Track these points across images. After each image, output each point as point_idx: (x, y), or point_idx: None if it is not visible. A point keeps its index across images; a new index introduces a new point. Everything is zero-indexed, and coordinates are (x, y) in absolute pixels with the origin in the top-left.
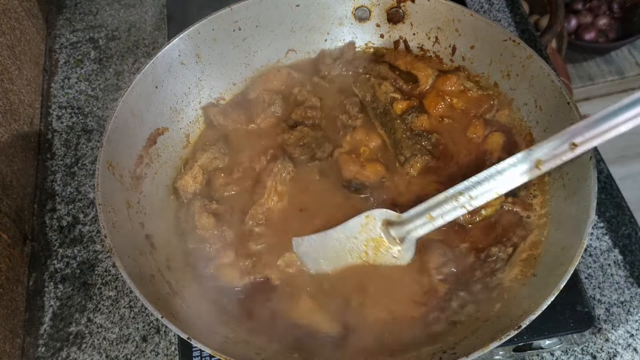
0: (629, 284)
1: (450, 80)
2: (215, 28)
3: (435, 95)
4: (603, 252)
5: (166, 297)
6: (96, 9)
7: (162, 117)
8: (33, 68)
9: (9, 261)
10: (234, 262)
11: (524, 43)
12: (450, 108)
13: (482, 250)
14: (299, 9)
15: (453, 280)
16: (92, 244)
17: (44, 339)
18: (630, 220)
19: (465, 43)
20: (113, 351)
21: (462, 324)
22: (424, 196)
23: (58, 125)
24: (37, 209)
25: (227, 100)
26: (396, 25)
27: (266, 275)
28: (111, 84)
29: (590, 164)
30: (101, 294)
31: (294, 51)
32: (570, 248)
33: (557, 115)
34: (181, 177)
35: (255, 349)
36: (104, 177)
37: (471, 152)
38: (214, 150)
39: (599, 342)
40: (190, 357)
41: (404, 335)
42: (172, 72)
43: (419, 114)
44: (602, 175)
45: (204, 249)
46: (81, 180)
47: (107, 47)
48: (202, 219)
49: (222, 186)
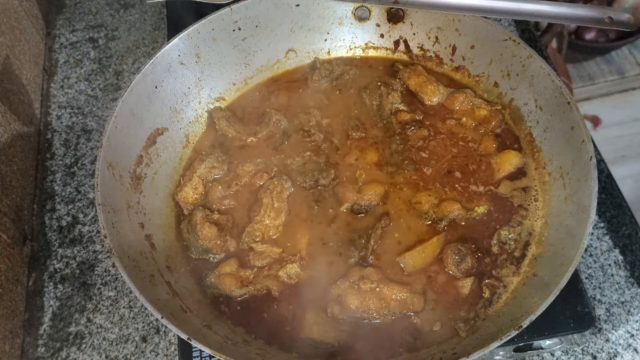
0: (630, 284)
1: (458, 99)
2: (215, 28)
3: (443, 113)
4: (603, 252)
5: (166, 297)
6: (96, 9)
7: (162, 117)
8: (33, 68)
9: (8, 261)
10: (236, 272)
11: (524, 43)
12: (460, 125)
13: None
14: (299, 9)
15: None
16: (91, 244)
17: (44, 339)
18: (631, 220)
19: (465, 43)
20: (113, 351)
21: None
22: (416, 203)
23: (58, 125)
24: (37, 209)
25: (227, 100)
26: (396, 25)
27: (267, 287)
28: (111, 84)
29: (591, 164)
30: (101, 294)
31: (294, 51)
32: (570, 248)
33: (557, 114)
34: (181, 189)
35: (255, 349)
36: (104, 177)
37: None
38: (212, 159)
39: (600, 342)
40: (190, 357)
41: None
42: (172, 72)
43: (419, 128)
44: (602, 175)
45: (207, 260)
46: (81, 180)
47: (107, 47)
48: (204, 229)
49: (219, 199)
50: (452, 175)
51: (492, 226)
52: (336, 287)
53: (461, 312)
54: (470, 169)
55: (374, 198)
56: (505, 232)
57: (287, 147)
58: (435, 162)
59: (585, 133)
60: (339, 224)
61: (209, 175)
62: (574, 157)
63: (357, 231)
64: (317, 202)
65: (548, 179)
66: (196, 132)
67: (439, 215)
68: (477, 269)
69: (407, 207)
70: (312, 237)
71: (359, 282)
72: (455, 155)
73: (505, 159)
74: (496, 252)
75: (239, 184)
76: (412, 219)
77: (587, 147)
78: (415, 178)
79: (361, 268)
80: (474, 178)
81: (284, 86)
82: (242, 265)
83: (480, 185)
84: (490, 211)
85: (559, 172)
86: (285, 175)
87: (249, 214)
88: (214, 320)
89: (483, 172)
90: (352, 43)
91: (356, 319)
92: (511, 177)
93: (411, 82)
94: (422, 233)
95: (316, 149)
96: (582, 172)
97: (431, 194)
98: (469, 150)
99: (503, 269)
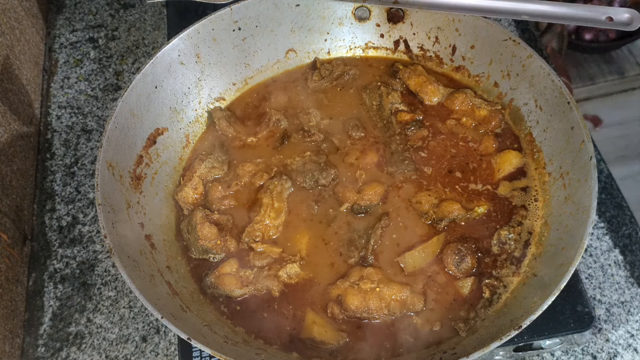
0: (630, 284)
1: (458, 99)
2: (215, 28)
3: (443, 113)
4: (603, 252)
5: (166, 297)
6: (96, 9)
7: (162, 117)
8: (33, 68)
9: (8, 261)
10: (236, 272)
11: (524, 43)
12: (460, 125)
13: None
14: (299, 9)
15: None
16: (91, 244)
17: (44, 339)
18: (631, 220)
19: (465, 43)
20: (113, 351)
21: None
22: (416, 203)
23: (58, 125)
24: (37, 209)
25: (227, 100)
26: (396, 25)
27: (267, 287)
28: (111, 84)
29: (591, 164)
30: (101, 294)
31: (294, 51)
32: (570, 248)
33: (557, 114)
34: (181, 189)
35: (255, 349)
36: (104, 177)
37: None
38: (212, 159)
39: (600, 342)
40: (190, 357)
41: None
42: (172, 72)
43: (419, 128)
44: (602, 175)
45: (207, 259)
46: (81, 180)
47: (107, 47)
48: (204, 229)
49: (219, 199)
50: (452, 175)
51: (492, 226)
52: (336, 287)
53: (461, 312)
54: (470, 169)
55: (374, 198)
56: (505, 232)
57: (287, 147)
58: (435, 162)
59: (585, 133)
60: (339, 224)
61: (209, 175)
62: (574, 157)
63: (357, 231)
64: (317, 202)
65: (548, 179)
66: (196, 132)
67: (439, 215)
68: (477, 269)
69: (407, 207)
70: (312, 237)
71: (359, 282)
72: (455, 155)
73: (505, 159)
74: (496, 252)
75: (239, 184)
76: (412, 219)
77: (587, 147)
78: (415, 178)
79: (361, 268)
80: (474, 178)
81: (284, 86)
82: (242, 265)
83: (480, 185)
84: (490, 211)
85: (559, 172)
86: (285, 175)
87: (249, 214)
88: (214, 320)
89: (483, 172)
90: (352, 43)
91: (356, 319)
92: (511, 177)
93: (411, 82)
94: (422, 233)
95: (316, 149)
96: (582, 172)
97: (431, 194)
98: (469, 150)
99: (503, 269)
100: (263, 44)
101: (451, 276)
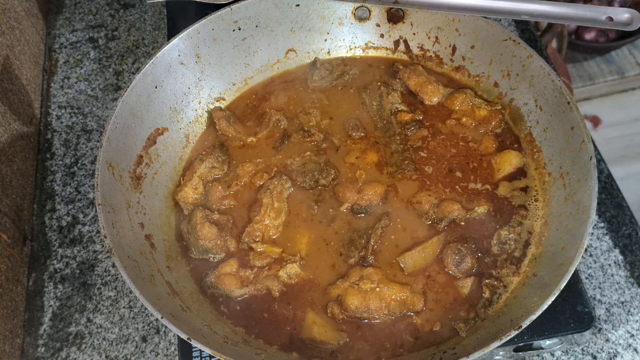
0: (630, 284)
1: (458, 99)
2: (215, 28)
3: (443, 113)
4: (603, 252)
5: (166, 297)
6: (96, 9)
7: (162, 117)
8: (32, 68)
9: (8, 261)
10: (236, 272)
11: (524, 43)
12: (460, 125)
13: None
14: (299, 9)
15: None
16: (91, 244)
17: (44, 339)
18: (631, 220)
19: (465, 43)
20: (113, 351)
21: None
22: (416, 203)
23: (58, 125)
24: (37, 209)
25: (227, 100)
26: (396, 25)
27: (267, 287)
28: (111, 84)
29: (591, 164)
30: (101, 294)
31: (294, 51)
32: (570, 248)
33: (557, 114)
34: (181, 189)
35: (255, 349)
36: (104, 177)
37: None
38: (212, 160)
39: (600, 342)
40: (190, 357)
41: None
42: (172, 72)
43: (419, 128)
44: (602, 175)
45: (207, 260)
46: (81, 180)
47: (107, 47)
48: (204, 229)
49: (219, 199)
50: (452, 175)
51: (492, 226)
52: (336, 287)
53: (461, 312)
54: (470, 169)
55: (374, 198)
56: (505, 232)
57: (287, 147)
58: (435, 162)
59: (585, 133)
60: (339, 224)
61: (209, 175)
62: (574, 157)
63: (357, 231)
64: (317, 202)
65: (548, 179)
66: (196, 132)
67: (439, 215)
68: (477, 269)
69: (407, 207)
70: (312, 237)
71: (359, 282)
72: (455, 155)
73: (505, 159)
74: (496, 252)
75: (239, 184)
76: (412, 219)
77: (587, 147)
78: (415, 178)
79: (361, 268)
80: (474, 178)
81: (284, 86)
82: (242, 265)
83: (480, 185)
84: (490, 211)
85: (559, 172)
86: (285, 175)
87: (249, 214)
88: (214, 320)
89: (483, 172)
90: (352, 43)
91: (356, 319)
92: (511, 177)
93: (411, 82)
94: (422, 233)
95: (316, 149)
96: (582, 172)
97: (431, 194)
98: (469, 150)
99: (503, 269)
100: (263, 44)
101: (451, 276)
